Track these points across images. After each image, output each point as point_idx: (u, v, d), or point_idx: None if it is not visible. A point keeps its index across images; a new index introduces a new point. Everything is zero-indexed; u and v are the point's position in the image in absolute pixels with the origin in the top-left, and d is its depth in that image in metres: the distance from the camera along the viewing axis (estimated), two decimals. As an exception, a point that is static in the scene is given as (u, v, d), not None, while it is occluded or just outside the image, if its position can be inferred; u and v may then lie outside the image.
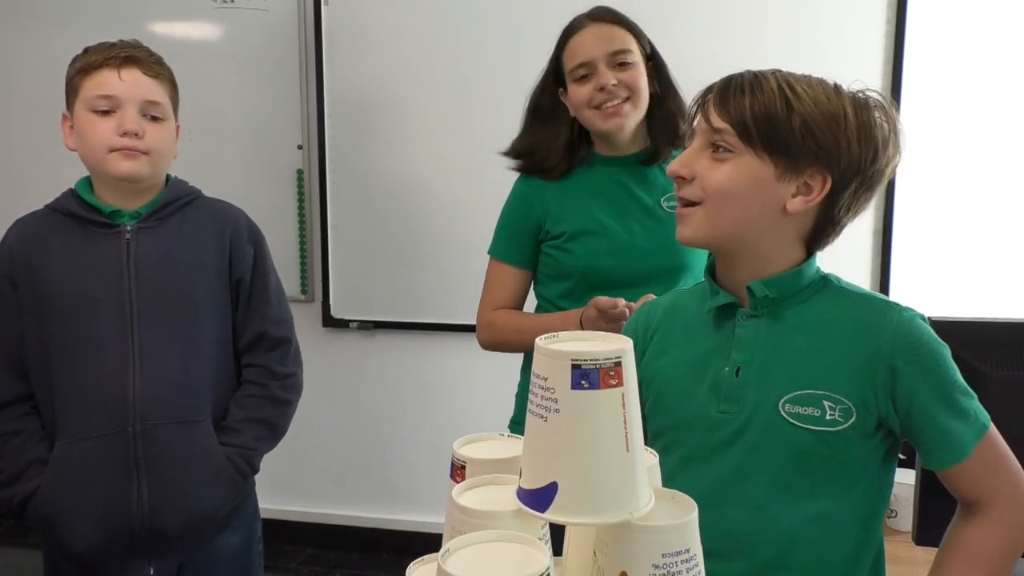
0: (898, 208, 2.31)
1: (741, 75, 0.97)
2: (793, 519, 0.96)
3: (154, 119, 1.36)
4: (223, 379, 1.43)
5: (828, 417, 0.95)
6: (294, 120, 2.66)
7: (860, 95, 0.96)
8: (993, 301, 2.26)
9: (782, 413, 0.96)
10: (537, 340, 0.64)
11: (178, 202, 1.42)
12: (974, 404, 0.96)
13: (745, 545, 0.97)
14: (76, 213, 1.37)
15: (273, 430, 1.45)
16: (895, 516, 1.55)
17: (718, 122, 0.95)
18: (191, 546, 1.39)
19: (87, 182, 1.41)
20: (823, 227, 0.99)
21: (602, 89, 1.48)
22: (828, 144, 0.93)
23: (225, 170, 2.61)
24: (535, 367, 0.63)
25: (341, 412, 2.78)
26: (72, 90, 1.36)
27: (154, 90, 1.36)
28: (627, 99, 1.50)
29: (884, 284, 2.35)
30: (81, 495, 1.31)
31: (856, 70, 2.29)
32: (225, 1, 2.64)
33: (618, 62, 1.50)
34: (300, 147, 2.67)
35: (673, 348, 1.07)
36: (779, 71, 0.97)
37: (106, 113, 1.33)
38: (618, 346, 0.63)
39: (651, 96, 1.55)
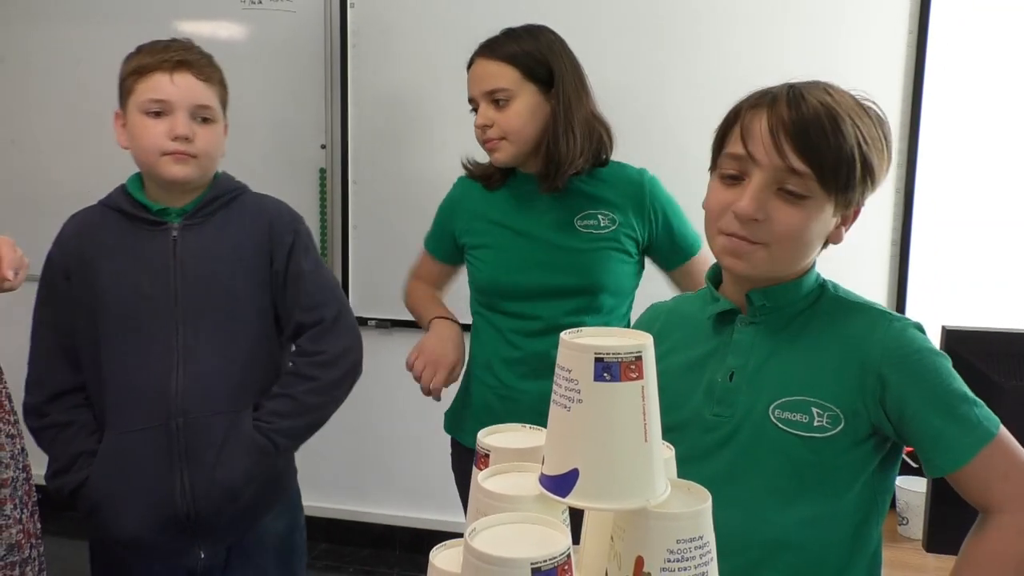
0: (916, 218, 2.31)
1: (817, 112, 0.91)
2: (783, 522, 0.98)
3: (204, 121, 1.37)
4: (266, 372, 1.42)
5: (816, 424, 0.96)
6: (318, 120, 2.69)
7: (871, 107, 0.97)
8: (1013, 311, 2.26)
9: (772, 419, 0.97)
10: (562, 335, 0.66)
11: (223, 198, 1.42)
12: (979, 411, 0.94)
13: (736, 545, 0.96)
14: (126, 210, 1.38)
15: (296, 402, 1.39)
16: (906, 524, 1.56)
17: (799, 165, 0.91)
18: (236, 529, 1.40)
19: (138, 179, 1.42)
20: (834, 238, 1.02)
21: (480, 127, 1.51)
22: (877, 178, 0.96)
23: (248, 168, 2.58)
24: (560, 359, 0.66)
25: (357, 409, 2.78)
26: (125, 91, 1.36)
27: (205, 93, 1.36)
28: (502, 138, 1.50)
29: (901, 294, 2.35)
30: (128, 485, 1.33)
31: (877, 81, 2.31)
32: (252, 1, 2.69)
33: (494, 99, 1.50)
34: (323, 147, 2.70)
35: (673, 351, 1.08)
36: (847, 99, 0.95)
37: (158, 115, 1.33)
38: (639, 341, 0.65)
39: (548, 126, 1.50)
